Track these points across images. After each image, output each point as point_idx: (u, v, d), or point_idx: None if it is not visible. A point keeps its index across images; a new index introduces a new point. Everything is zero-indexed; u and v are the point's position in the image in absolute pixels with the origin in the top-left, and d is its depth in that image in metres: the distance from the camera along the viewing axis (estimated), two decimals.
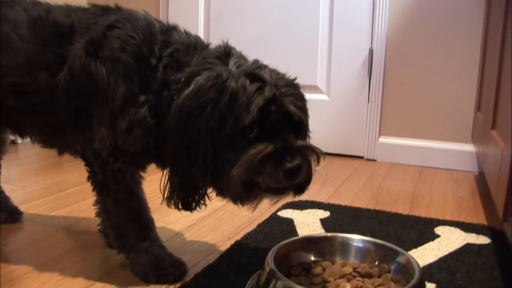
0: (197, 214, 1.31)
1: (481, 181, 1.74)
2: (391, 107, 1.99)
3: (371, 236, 1.10)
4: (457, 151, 1.90)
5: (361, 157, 2.06)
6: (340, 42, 2.03)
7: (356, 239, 0.93)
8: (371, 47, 1.98)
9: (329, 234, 0.96)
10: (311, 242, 0.93)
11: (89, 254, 1.05)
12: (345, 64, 2.03)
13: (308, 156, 0.83)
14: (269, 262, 0.82)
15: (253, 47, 2.16)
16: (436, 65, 1.91)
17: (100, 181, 0.91)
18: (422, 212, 1.35)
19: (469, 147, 1.88)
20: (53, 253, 1.05)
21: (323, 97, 2.10)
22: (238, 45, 2.21)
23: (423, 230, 1.16)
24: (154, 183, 1.04)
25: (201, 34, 2.29)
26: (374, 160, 2.02)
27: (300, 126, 0.85)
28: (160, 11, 2.35)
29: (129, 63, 0.84)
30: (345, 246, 0.92)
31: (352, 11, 1.99)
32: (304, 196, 1.45)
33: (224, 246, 1.08)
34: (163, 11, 2.35)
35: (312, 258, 0.91)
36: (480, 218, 1.32)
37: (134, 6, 2.43)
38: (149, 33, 0.87)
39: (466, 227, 1.20)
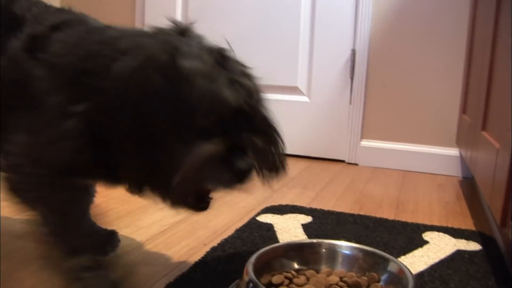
0: (171, 218, 1.23)
1: (466, 186, 1.69)
2: (374, 110, 1.93)
3: (356, 242, 1.04)
4: (441, 155, 1.85)
5: (343, 161, 2.00)
6: (322, 42, 1.97)
7: (343, 245, 0.86)
8: (354, 47, 1.92)
9: (313, 240, 0.88)
10: (293, 249, 0.86)
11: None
12: (326, 65, 1.97)
13: (270, 141, 0.78)
14: (248, 271, 0.74)
15: (233, 46, 2.09)
16: (420, 67, 1.86)
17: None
18: (408, 217, 1.29)
19: (453, 151, 1.83)
20: (9, 261, 0.96)
21: (304, 98, 2.03)
22: (218, 44, 2.14)
23: (411, 235, 1.10)
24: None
25: None
26: (356, 164, 1.96)
27: (259, 122, 0.77)
28: (136, 9, 2.27)
29: (67, 70, 0.73)
30: (331, 253, 0.85)
31: (334, 11, 1.93)
32: (284, 200, 1.39)
33: (200, 253, 1.00)
34: (139, 9, 2.26)
35: (296, 266, 0.84)
36: (468, 224, 1.26)
37: (108, 6, 2.35)
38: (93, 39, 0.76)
39: (455, 233, 1.14)
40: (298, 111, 2.04)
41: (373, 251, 0.82)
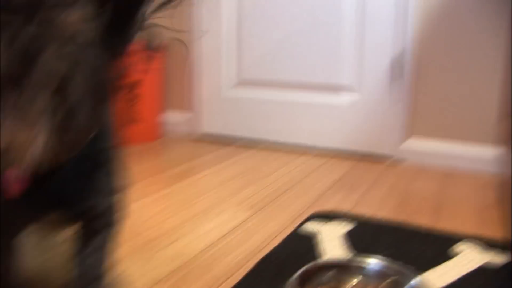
0: (228, 223, 1.39)
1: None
2: (420, 109, 2.02)
3: (391, 253, 1.17)
4: (487, 154, 1.92)
5: (388, 158, 2.10)
6: (370, 42, 2.06)
7: (374, 262, 0.99)
8: (402, 47, 2.00)
9: (347, 258, 1.03)
10: (332, 265, 1.00)
11: None
12: (373, 64, 2.07)
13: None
14: (294, 285, 0.89)
15: (284, 45, 2.22)
16: (466, 66, 1.92)
17: None
18: (444, 223, 1.40)
19: (501, 150, 1.90)
20: None
21: (351, 96, 2.14)
22: (269, 43, 2.30)
23: (442, 248, 1.21)
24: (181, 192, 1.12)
25: (234, 32, 2.35)
26: (401, 162, 2.06)
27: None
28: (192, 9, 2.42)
29: None
30: (364, 268, 0.99)
31: (383, 11, 2.01)
32: (330, 204, 1.53)
33: (253, 259, 1.16)
34: (194, 10, 2.41)
35: (332, 281, 0.98)
36: (505, 231, 1.35)
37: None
38: None
39: (488, 244, 1.23)
40: (345, 110, 2.15)
41: (399, 268, 0.95)
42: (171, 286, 1.05)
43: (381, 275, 0.97)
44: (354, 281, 0.98)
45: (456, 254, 1.18)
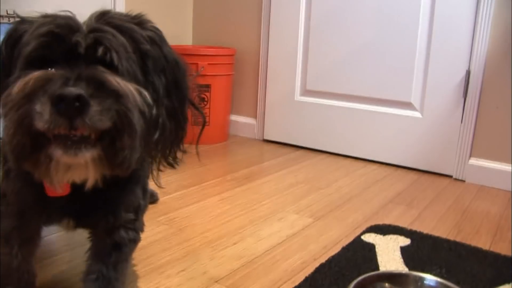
0: (288, 230, 1.45)
1: None
2: (484, 130, 2.00)
3: (447, 270, 1.19)
4: None
5: (450, 176, 2.09)
6: (437, 61, 2.06)
7: (428, 278, 1.02)
8: (469, 68, 1.99)
9: (403, 272, 1.06)
10: (387, 278, 1.04)
11: None
12: (440, 84, 2.06)
13: (111, 93, 0.63)
14: None
15: (350, 58, 2.25)
16: None
17: None
18: (503, 247, 1.40)
19: None
20: None
21: (416, 114, 2.14)
22: (335, 55, 2.35)
23: (501, 269, 1.22)
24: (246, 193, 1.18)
25: (301, 42, 2.41)
26: (462, 181, 2.05)
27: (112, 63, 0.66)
28: (263, 17, 2.49)
29: None
30: (418, 283, 1.02)
31: (452, 31, 2.01)
32: (389, 218, 1.55)
33: (310, 267, 1.21)
34: (265, 18, 2.48)
35: None
36: None
37: (239, 11, 2.64)
38: None
39: None
40: (410, 126, 2.16)
41: (453, 287, 0.98)
42: (231, 285, 1.12)
43: None
44: None
45: None
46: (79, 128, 0.60)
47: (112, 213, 0.87)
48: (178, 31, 2.70)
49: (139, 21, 0.74)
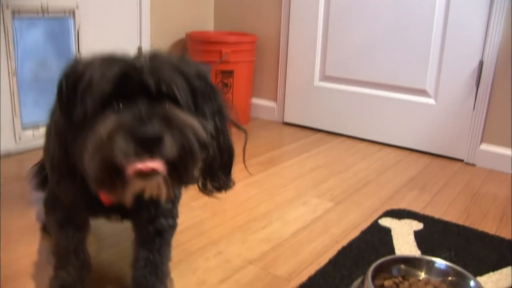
0: (311, 214, 1.59)
1: None
2: (496, 117, 2.11)
3: (455, 254, 1.33)
4: None
5: (461, 160, 2.21)
6: (452, 51, 2.16)
7: (438, 261, 1.16)
8: (482, 58, 2.09)
9: (417, 256, 1.20)
10: (402, 261, 1.18)
11: None
12: (454, 73, 2.17)
13: (179, 126, 0.75)
14: (368, 276, 1.08)
15: (368, 46, 2.36)
16: None
17: None
18: (508, 232, 1.53)
19: None
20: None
21: (430, 101, 2.26)
22: (354, 43, 2.47)
23: (504, 253, 1.36)
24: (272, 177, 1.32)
25: (320, 29, 2.52)
26: (473, 165, 2.17)
27: (173, 97, 0.79)
28: (283, 4, 2.59)
29: None
30: (430, 266, 1.16)
31: (466, 22, 2.11)
32: (403, 202, 1.69)
33: (332, 250, 1.36)
34: (285, 5, 2.59)
35: (402, 274, 1.16)
36: None
37: (257, 9, 2.72)
38: None
39: None
40: (424, 112, 2.27)
41: (460, 270, 1.12)
42: (264, 266, 1.27)
43: (444, 274, 1.14)
44: (421, 275, 1.15)
45: None
46: (155, 158, 0.73)
47: (154, 205, 1.02)
48: (200, 17, 2.81)
49: (185, 59, 0.88)
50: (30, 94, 2.06)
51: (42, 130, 2.08)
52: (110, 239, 1.37)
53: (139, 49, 0.84)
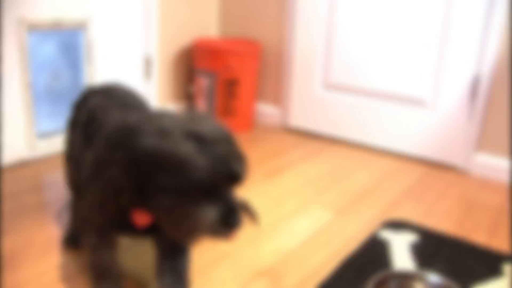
0: (313, 225, 1.70)
1: None
2: (491, 127, 2.21)
3: (448, 266, 1.44)
4: None
5: (456, 168, 2.32)
6: (449, 63, 2.26)
7: (431, 276, 1.27)
8: (478, 70, 2.19)
9: (411, 271, 1.31)
10: (398, 277, 1.29)
11: None
12: (451, 83, 2.27)
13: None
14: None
15: (371, 55, 2.46)
16: None
17: None
18: (498, 243, 1.64)
19: None
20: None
21: (427, 110, 2.36)
22: (356, 51, 2.55)
23: (492, 266, 1.47)
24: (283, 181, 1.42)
25: (324, 37, 2.61)
26: (467, 173, 2.28)
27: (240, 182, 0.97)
28: (287, 10, 2.68)
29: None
30: (421, 281, 1.27)
31: (464, 34, 2.20)
32: (401, 212, 1.80)
33: (335, 261, 1.47)
34: (289, 11, 2.67)
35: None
36: None
37: (265, 3, 2.80)
38: None
39: None
40: (420, 120, 2.38)
41: (449, 284, 1.23)
42: (272, 277, 1.38)
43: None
44: None
45: (503, 274, 1.43)
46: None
47: None
48: (203, 22, 2.89)
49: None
50: (44, 104, 2.16)
51: (55, 139, 2.18)
52: (131, 251, 1.47)
53: (227, 138, 0.96)
